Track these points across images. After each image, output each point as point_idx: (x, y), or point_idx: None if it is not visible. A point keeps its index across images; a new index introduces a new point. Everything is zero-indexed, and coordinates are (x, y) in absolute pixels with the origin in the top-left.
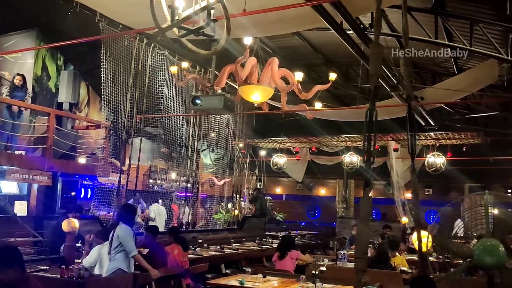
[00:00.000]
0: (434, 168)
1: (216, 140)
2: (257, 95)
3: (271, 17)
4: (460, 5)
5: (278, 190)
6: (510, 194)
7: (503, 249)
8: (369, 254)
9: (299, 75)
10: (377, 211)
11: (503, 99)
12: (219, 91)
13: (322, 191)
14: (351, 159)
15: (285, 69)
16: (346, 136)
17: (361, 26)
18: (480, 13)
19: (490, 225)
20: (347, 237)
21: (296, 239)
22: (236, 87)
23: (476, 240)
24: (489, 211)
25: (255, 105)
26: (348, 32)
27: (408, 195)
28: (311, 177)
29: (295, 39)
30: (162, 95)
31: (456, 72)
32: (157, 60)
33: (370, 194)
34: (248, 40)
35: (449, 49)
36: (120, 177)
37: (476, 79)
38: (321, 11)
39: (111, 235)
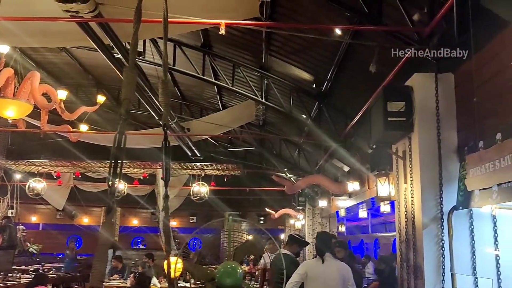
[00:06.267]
0: (198, 197)
1: None
2: (11, 110)
3: (33, 27)
4: (225, 48)
5: (34, 219)
6: (262, 221)
7: (240, 270)
8: (128, 284)
9: (62, 94)
10: (142, 239)
11: (259, 136)
12: None
13: (86, 220)
14: (118, 186)
15: (48, 85)
16: None
17: None
18: (242, 58)
19: (231, 249)
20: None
21: (50, 272)
22: None
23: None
24: (231, 236)
25: (10, 121)
26: (117, 56)
27: (173, 223)
28: (74, 204)
29: (63, 55)
30: None
31: (221, 108)
32: None
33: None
34: (4, 49)
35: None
36: None
37: (237, 116)
38: (88, 31)
39: None
